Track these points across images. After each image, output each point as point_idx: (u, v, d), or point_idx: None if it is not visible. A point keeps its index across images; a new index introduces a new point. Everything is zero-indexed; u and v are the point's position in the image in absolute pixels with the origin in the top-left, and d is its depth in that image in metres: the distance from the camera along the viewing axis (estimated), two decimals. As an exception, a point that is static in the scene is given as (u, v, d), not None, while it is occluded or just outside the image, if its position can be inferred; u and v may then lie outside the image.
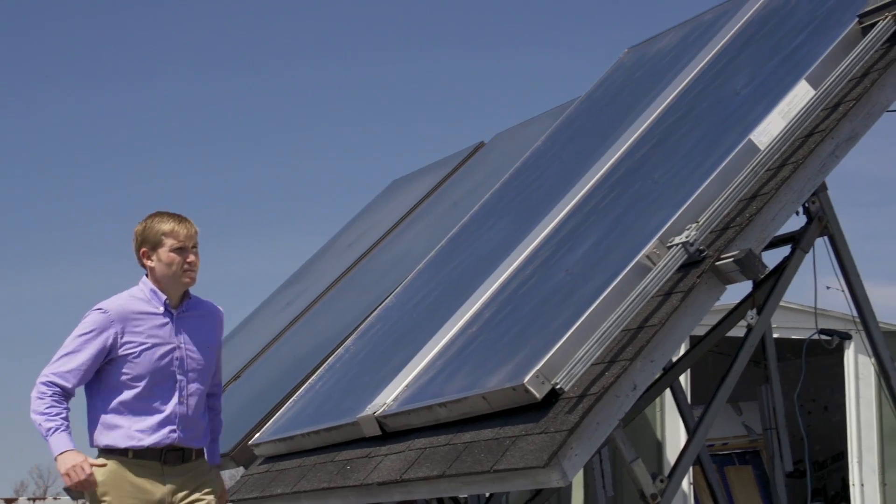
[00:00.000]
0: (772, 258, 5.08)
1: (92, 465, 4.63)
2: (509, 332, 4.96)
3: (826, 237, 5.21)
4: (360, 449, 5.29)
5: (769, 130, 4.80)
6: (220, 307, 5.09)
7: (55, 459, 4.59)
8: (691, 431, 5.18)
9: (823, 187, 5.09)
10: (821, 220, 5.14)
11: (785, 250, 5.16)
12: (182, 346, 4.79)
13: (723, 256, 4.48)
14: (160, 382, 4.73)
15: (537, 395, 4.30)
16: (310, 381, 6.55)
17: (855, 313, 5.35)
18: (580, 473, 9.58)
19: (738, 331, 5.14)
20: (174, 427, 4.73)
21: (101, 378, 4.74)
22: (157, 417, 4.70)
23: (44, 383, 4.65)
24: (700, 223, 4.54)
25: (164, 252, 4.76)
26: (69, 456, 4.58)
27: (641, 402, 4.69)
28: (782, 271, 5.07)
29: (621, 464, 4.52)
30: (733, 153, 4.77)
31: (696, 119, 5.59)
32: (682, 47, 6.83)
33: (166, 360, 4.75)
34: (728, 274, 4.49)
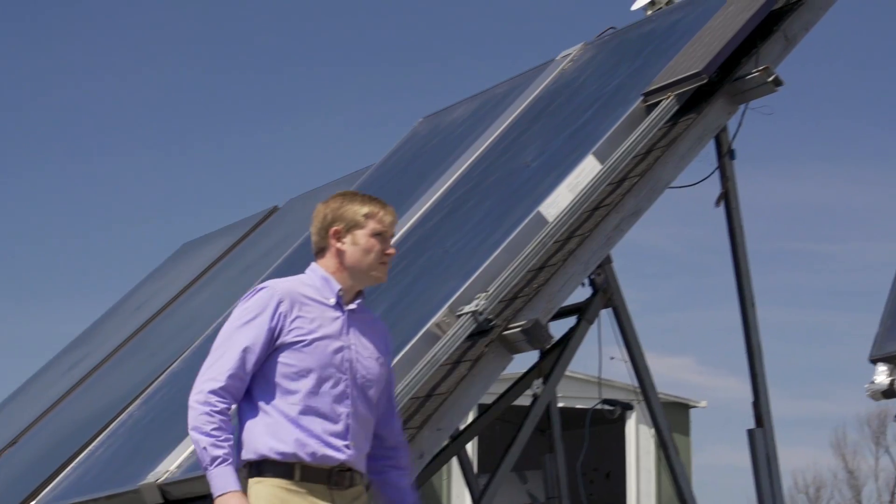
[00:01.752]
0: (558, 328, 5.18)
1: None
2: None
3: (611, 308, 5.33)
4: (141, 517, 5.15)
5: (557, 203, 4.89)
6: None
7: (215, 499, 3.71)
8: (476, 500, 5.22)
9: (609, 260, 5.22)
10: (605, 292, 5.26)
11: (571, 321, 5.26)
12: (352, 347, 3.88)
13: (510, 326, 4.54)
14: (330, 383, 3.81)
15: (324, 463, 4.25)
16: (90, 447, 6.37)
17: (636, 383, 5.48)
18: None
19: (524, 399, 5.20)
20: (348, 442, 3.79)
21: (261, 371, 3.82)
22: (329, 426, 3.77)
23: (213, 392, 3.73)
24: (489, 293, 4.59)
25: (362, 235, 3.95)
26: (233, 500, 3.69)
27: (428, 470, 4.69)
28: (568, 341, 5.17)
29: (407, 532, 4.50)
30: (522, 224, 4.85)
31: (488, 190, 5.67)
32: (476, 118, 6.94)
33: (337, 357, 3.84)
34: (515, 343, 4.55)
